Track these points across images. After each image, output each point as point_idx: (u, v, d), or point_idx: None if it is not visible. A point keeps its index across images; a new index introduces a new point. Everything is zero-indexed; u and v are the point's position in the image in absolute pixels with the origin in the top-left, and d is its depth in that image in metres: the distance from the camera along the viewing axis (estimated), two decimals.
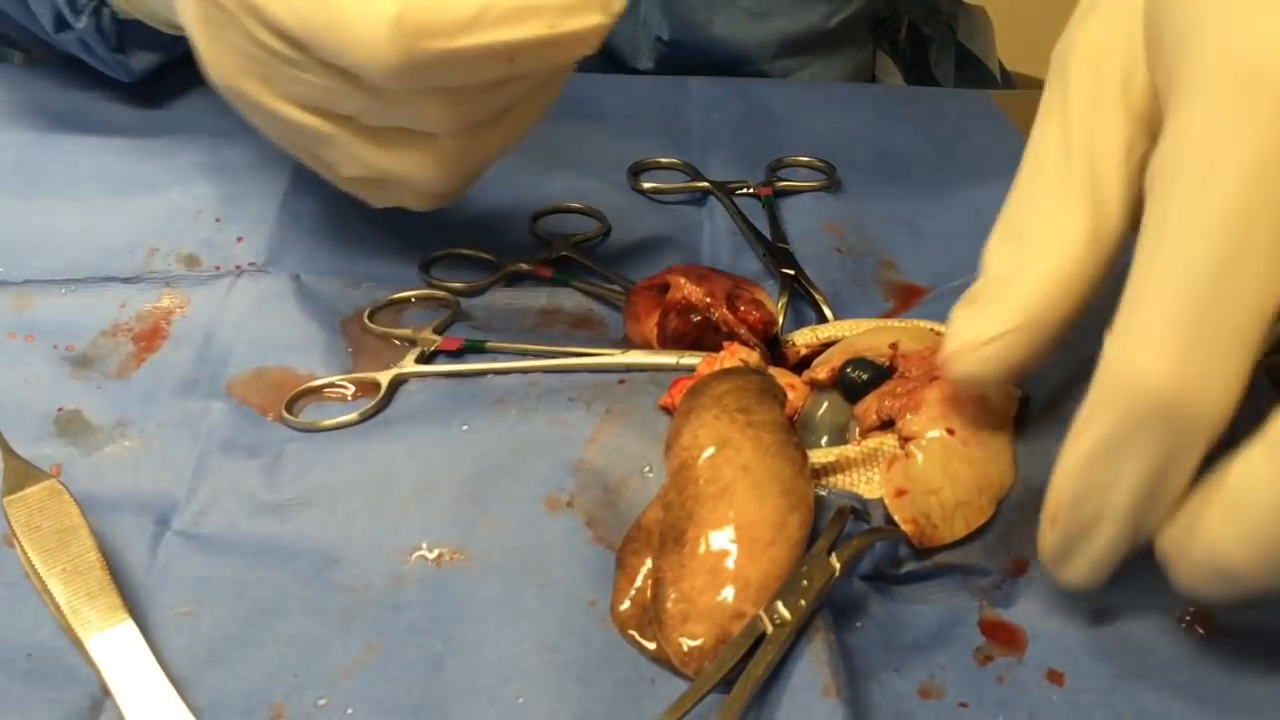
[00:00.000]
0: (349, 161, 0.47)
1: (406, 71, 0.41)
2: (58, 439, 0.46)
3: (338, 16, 0.40)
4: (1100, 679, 0.38)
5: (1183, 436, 0.31)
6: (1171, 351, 0.30)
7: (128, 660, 0.37)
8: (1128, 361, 0.31)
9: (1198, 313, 0.30)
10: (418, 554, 0.41)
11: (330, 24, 0.40)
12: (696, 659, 0.37)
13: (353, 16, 0.40)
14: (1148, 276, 0.31)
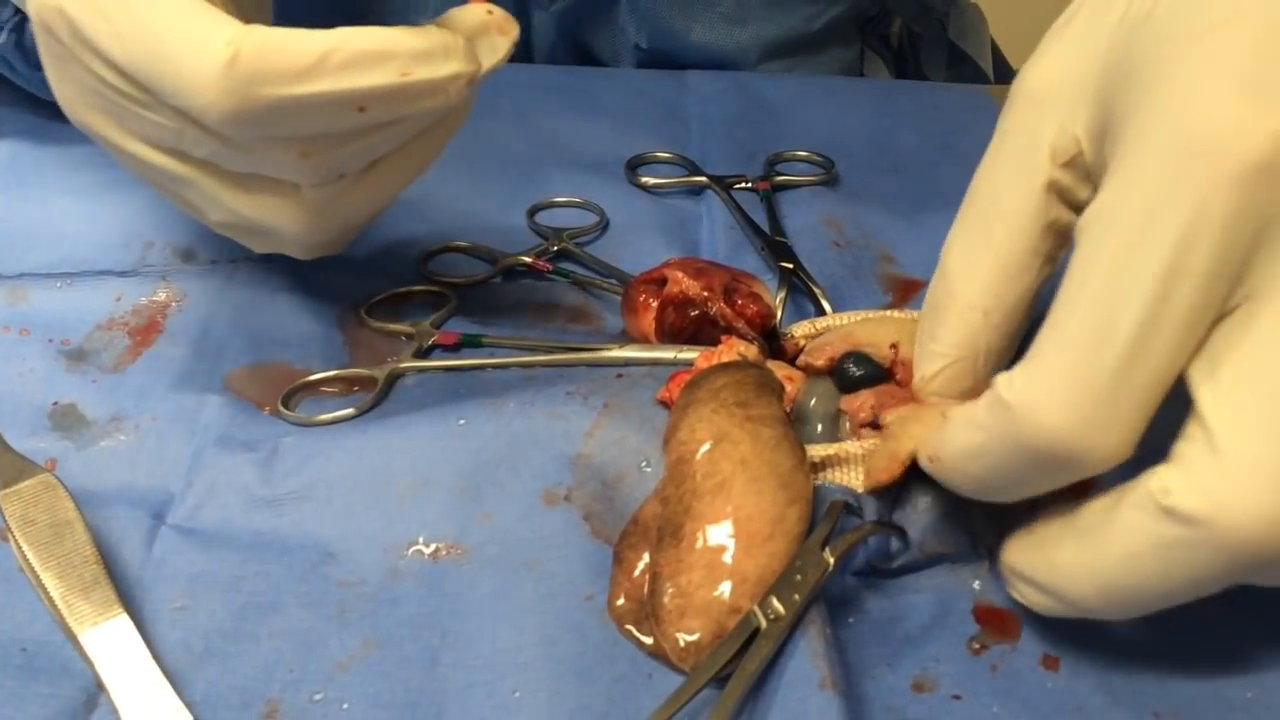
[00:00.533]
0: (212, 207, 0.44)
1: (241, 119, 0.37)
2: (53, 433, 0.46)
3: (167, 56, 0.37)
4: (1095, 666, 0.38)
5: (1066, 476, 0.34)
6: (1074, 409, 0.32)
7: (122, 655, 0.36)
8: (1030, 408, 0.33)
9: (1107, 375, 0.32)
10: (414, 548, 0.41)
11: (159, 64, 0.37)
12: (693, 654, 0.37)
13: (182, 57, 0.37)
14: (1065, 323, 0.33)
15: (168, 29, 0.37)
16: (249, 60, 0.36)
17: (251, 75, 0.37)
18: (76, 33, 0.39)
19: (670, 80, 0.72)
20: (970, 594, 0.40)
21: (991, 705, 0.37)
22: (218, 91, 0.37)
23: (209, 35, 0.37)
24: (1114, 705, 0.37)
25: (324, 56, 0.37)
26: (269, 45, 0.37)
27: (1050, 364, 0.33)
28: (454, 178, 0.61)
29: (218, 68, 0.36)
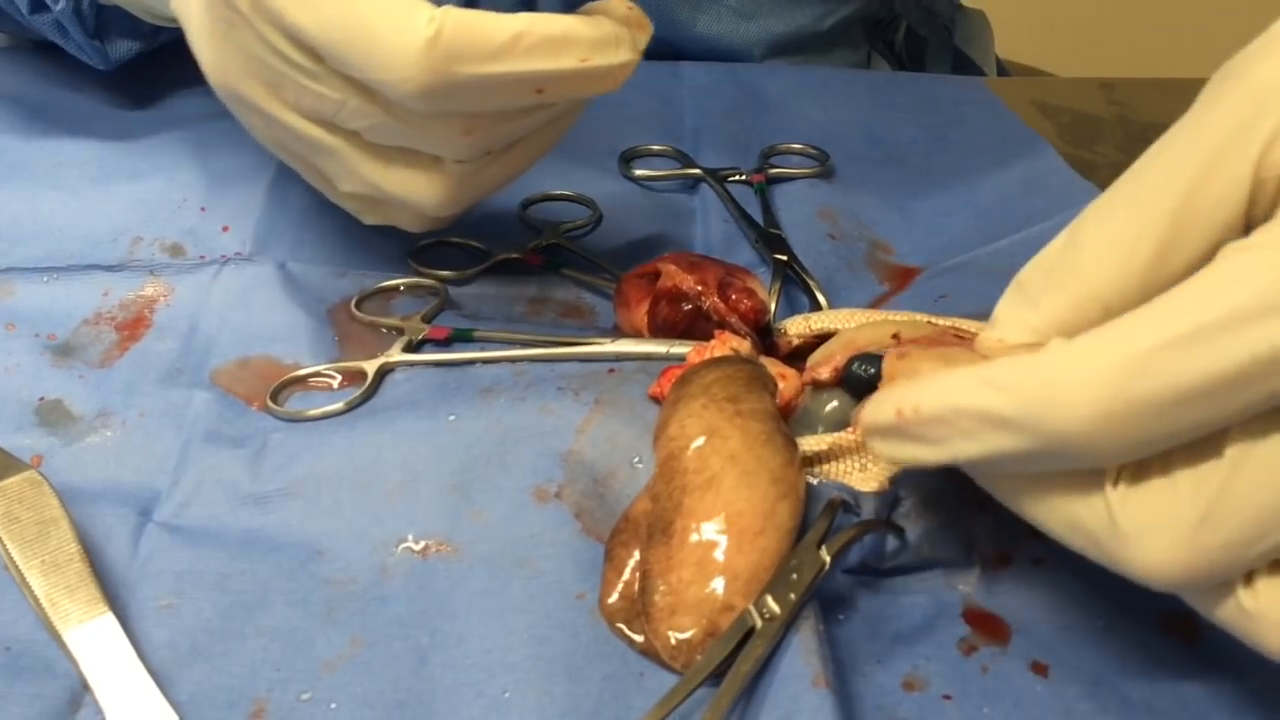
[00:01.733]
0: (348, 177, 0.46)
1: (435, 94, 0.40)
2: (39, 429, 0.45)
3: (368, 31, 0.39)
4: (1084, 671, 0.38)
5: (1059, 460, 0.31)
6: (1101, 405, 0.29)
7: (107, 654, 0.36)
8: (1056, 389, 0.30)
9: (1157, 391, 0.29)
10: (403, 546, 0.41)
11: (358, 38, 0.40)
12: (685, 652, 0.36)
13: (384, 32, 0.39)
14: (1161, 322, 0.29)
15: (369, 5, 0.39)
16: (449, 39, 0.39)
17: (450, 53, 0.39)
18: (259, 2, 0.40)
19: (664, 72, 0.71)
20: (961, 596, 0.40)
21: (982, 706, 0.36)
22: (418, 68, 0.39)
23: (411, 13, 0.39)
24: (1103, 711, 0.36)
25: (516, 39, 0.40)
26: (468, 25, 0.39)
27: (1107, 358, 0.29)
28: None
29: (419, 44, 0.39)
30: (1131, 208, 0.32)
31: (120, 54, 0.62)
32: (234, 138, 0.61)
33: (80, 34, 0.60)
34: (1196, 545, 0.29)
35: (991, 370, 0.31)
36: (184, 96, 0.64)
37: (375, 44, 0.39)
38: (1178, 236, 0.31)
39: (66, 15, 0.58)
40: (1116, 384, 0.29)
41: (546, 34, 0.40)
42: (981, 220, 0.60)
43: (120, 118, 0.63)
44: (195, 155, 0.60)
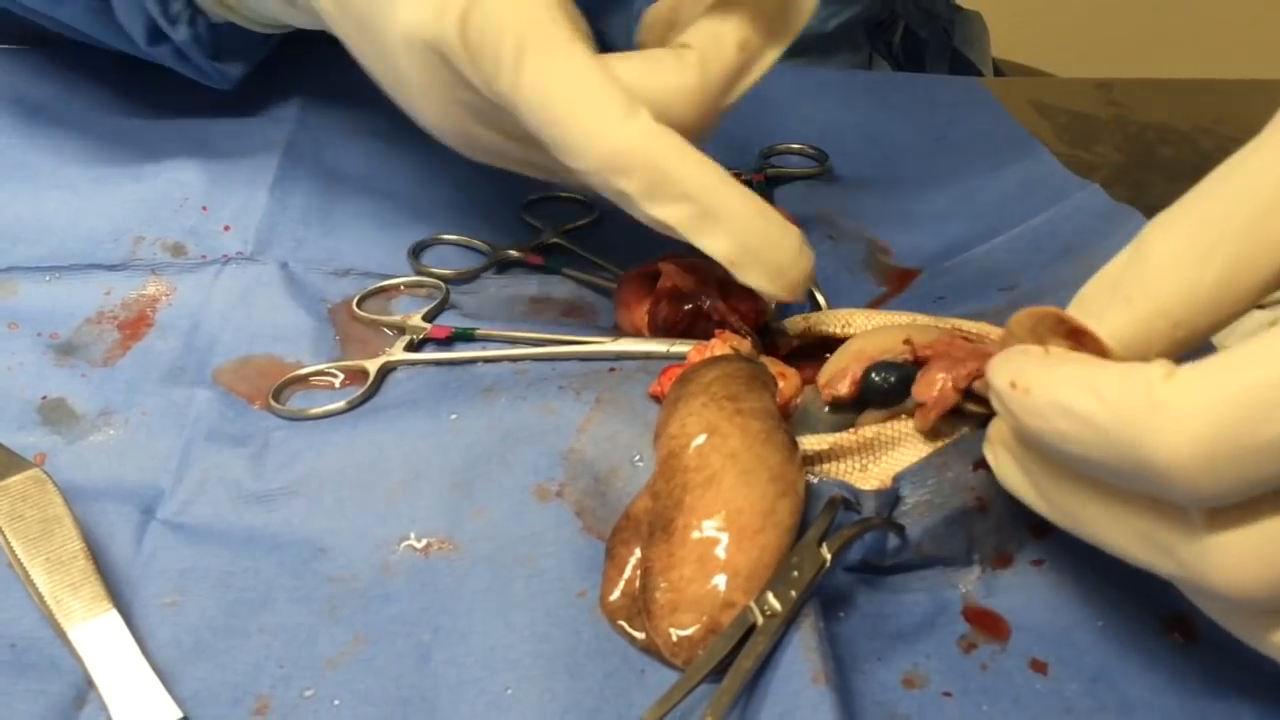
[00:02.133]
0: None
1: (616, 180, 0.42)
2: (42, 428, 0.45)
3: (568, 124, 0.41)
4: (1084, 670, 0.38)
5: (1142, 489, 0.30)
6: (1204, 448, 0.27)
7: (112, 651, 0.36)
8: (1176, 420, 0.28)
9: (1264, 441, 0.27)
10: (406, 544, 0.41)
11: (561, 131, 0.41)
12: (686, 649, 0.37)
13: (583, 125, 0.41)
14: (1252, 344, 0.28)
15: (571, 99, 0.41)
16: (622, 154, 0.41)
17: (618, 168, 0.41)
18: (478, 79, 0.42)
19: None
20: (961, 594, 0.40)
21: (981, 704, 0.37)
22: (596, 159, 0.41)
23: (608, 116, 0.41)
24: (1101, 709, 0.37)
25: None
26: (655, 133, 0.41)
27: (1218, 396, 0.27)
28: (447, 170, 0.61)
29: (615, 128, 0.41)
30: (1202, 223, 0.31)
31: (237, 72, 0.62)
32: (236, 137, 0.62)
33: (203, 59, 0.59)
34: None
35: (1101, 376, 0.30)
36: (186, 96, 0.64)
37: (574, 135, 0.41)
38: (1250, 255, 0.30)
39: (188, 43, 0.58)
40: (1223, 424, 0.27)
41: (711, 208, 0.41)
42: (978, 223, 0.60)
43: (122, 117, 0.63)
44: (197, 155, 0.60)
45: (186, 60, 0.59)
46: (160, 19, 0.56)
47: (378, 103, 0.65)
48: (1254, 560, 0.29)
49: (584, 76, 0.41)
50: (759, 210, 0.42)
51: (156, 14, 0.56)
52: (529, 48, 0.40)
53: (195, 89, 0.63)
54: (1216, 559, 0.29)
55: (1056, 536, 0.40)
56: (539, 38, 0.41)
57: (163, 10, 0.56)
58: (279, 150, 0.61)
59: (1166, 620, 0.39)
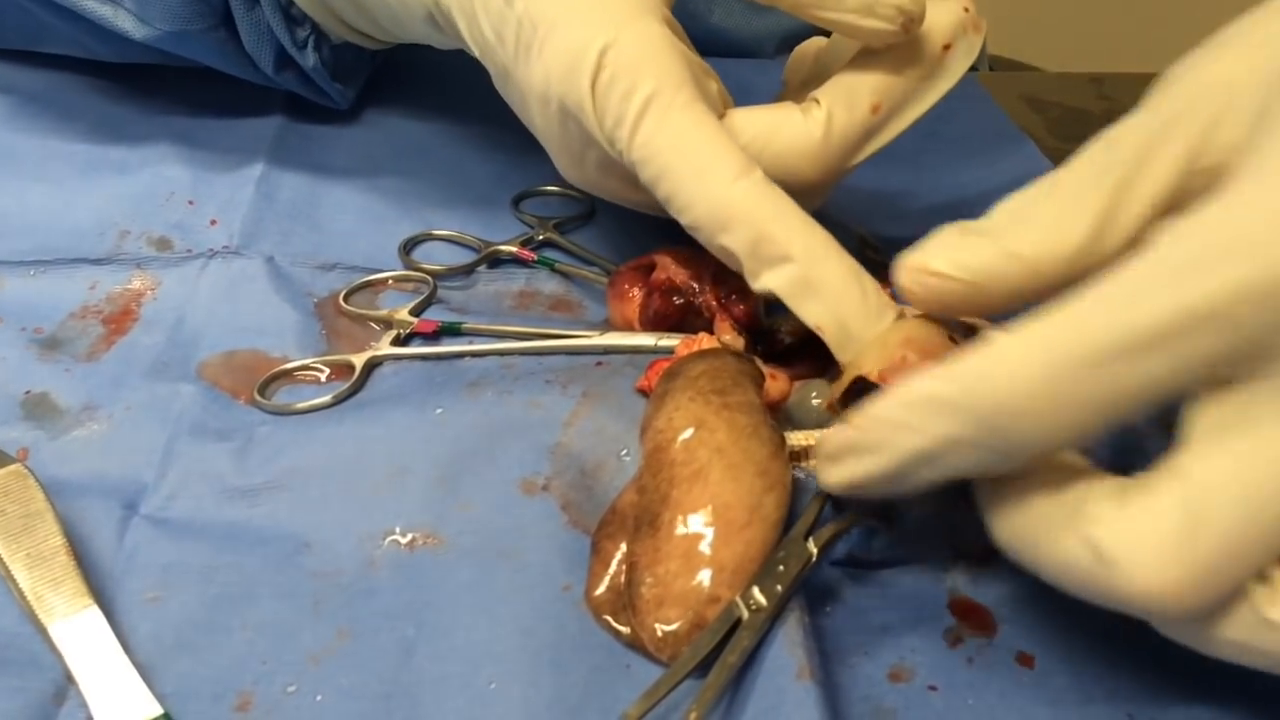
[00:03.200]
0: None
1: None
2: (25, 422, 0.45)
3: (690, 181, 0.43)
4: (1070, 662, 0.38)
5: (997, 446, 0.31)
6: (1033, 377, 0.30)
7: (93, 647, 0.36)
8: (991, 366, 0.30)
9: (1087, 358, 0.29)
10: (390, 538, 0.41)
11: (679, 188, 0.43)
12: (671, 644, 0.36)
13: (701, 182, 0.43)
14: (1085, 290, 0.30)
15: (684, 155, 0.42)
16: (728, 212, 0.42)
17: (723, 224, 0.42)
18: (601, 134, 0.43)
19: None
20: (948, 589, 0.40)
21: (967, 697, 0.36)
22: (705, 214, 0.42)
23: (719, 174, 0.42)
24: (1088, 702, 0.36)
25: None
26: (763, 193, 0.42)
27: (1052, 326, 0.30)
28: (436, 164, 0.61)
29: (724, 187, 0.42)
30: (1075, 184, 0.34)
31: (354, 91, 0.63)
32: (222, 131, 0.61)
33: (328, 82, 0.60)
34: (1189, 554, 0.29)
35: (940, 365, 0.32)
36: (172, 90, 0.64)
37: (684, 194, 0.42)
38: (1113, 213, 0.33)
39: (316, 68, 0.59)
40: (1045, 347, 0.29)
41: (808, 273, 0.41)
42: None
43: (107, 111, 0.63)
44: (183, 149, 0.59)
45: (310, 84, 0.60)
46: (290, 47, 0.57)
47: (365, 96, 0.65)
48: (1158, 567, 0.29)
49: (699, 132, 0.42)
50: (856, 281, 0.42)
51: (286, 42, 0.57)
52: (653, 104, 0.42)
53: (181, 83, 0.63)
54: (1125, 573, 0.30)
55: None
56: (663, 94, 0.42)
57: (291, 38, 0.57)
58: (265, 144, 0.60)
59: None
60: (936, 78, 0.47)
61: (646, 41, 0.43)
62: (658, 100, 0.42)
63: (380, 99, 0.65)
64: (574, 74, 0.43)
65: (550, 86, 0.44)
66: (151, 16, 0.56)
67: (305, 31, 0.57)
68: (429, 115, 0.64)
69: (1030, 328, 0.30)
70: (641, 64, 0.42)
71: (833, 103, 0.46)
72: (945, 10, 0.47)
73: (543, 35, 0.43)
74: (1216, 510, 0.29)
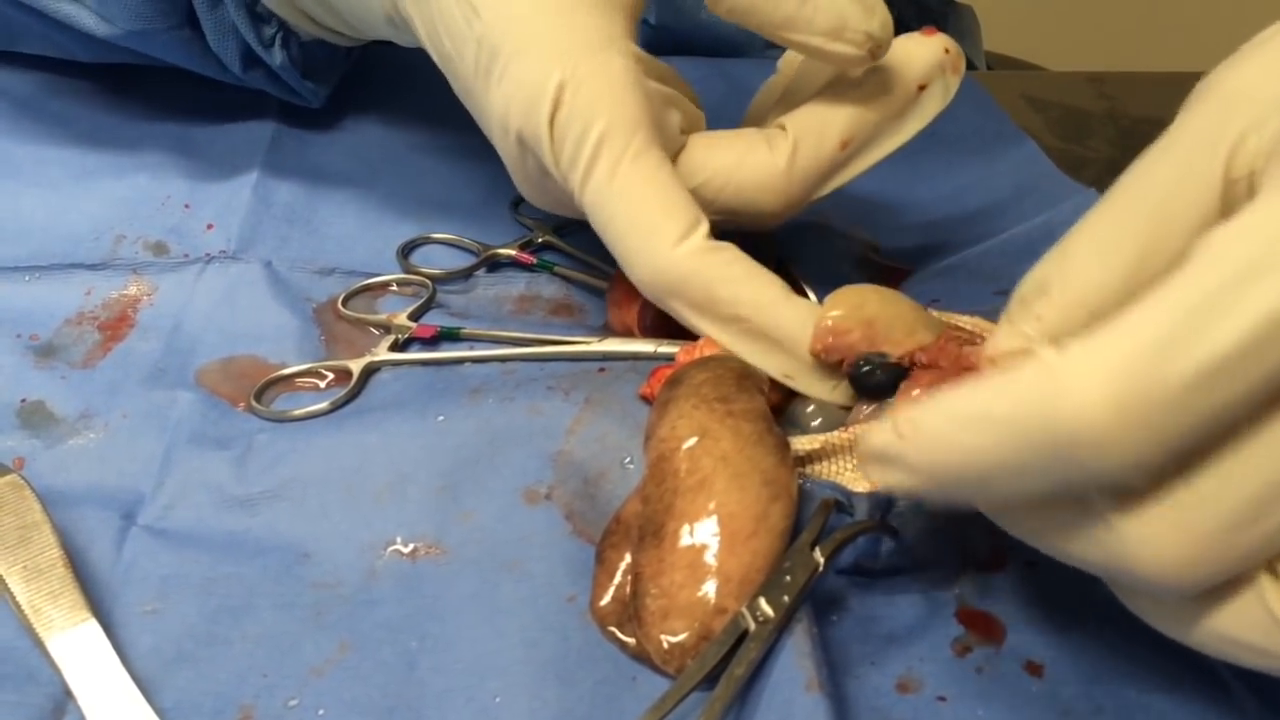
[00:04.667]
0: None
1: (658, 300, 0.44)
2: (20, 431, 0.44)
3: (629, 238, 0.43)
4: (1080, 671, 0.37)
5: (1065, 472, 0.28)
6: (1111, 399, 0.27)
7: (91, 661, 0.35)
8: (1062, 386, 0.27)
9: (1171, 386, 0.26)
10: (392, 548, 0.40)
11: (622, 243, 0.43)
12: (678, 656, 0.36)
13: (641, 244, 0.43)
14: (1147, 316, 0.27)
15: (630, 214, 0.42)
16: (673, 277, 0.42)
17: (671, 289, 0.42)
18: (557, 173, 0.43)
19: None
20: (955, 596, 0.39)
21: (977, 708, 0.36)
22: (648, 277, 0.43)
23: (663, 237, 0.42)
24: (1098, 711, 0.36)
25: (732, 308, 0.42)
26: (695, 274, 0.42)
27: (1116, 348, 0.27)
28: (434, 168, 0.60)
29: (665, 253, 0.42)
30: (1114, 216, 0.32)
31: (327, 89, 0.62)
32: (218, 135, 0.61)
33: (297, 80, 0.59)
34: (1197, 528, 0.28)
35: (987, 380, 0.29)
36: (167, 93, 0.63)
37: (628, 254, 0.43)
38: (1157, 239, 0.31)
39: (284, 66, 0.58)
40: (1126, 373, 0.26)
41: (763, 328, 0.42)
42: (970, 223, 0.59)
43: (103, 115, 0.62)
44: (179, 152, 0.59)
45: (279, 82, 0.59)
46: (256, 45, 0.56)
47: (362, 100, 0.65)
48: (1171, 535, 0.28)
49: (646, 188, 0.42)
50: (810, 324, 0.42)
51: (252, 40, 0.56)
52: (603, 150, 0.42)
53: (176, 86, 0.63)
54: (1135, 544, 0.29)
55: None
56: (616, 140, 0.42)
57: (257, 36, 0.56)
58: (262, 147, 0.60)
59: None
60: (908, 117, 0.47)
61: (605, 78, 0.42)
62: (609, 146, 0.42)
63: (376, 101, 0.65)
64: (532, 109, 0.42)
65: (509, 118, 0.43)
66: (113, 15, 0.55)
67: (272, 29, 0.56)
68: (425, 118, 0.64)
69: (1093, 352, 0.27)
70: (597, 103, 0.42)
71: (800, 134, 0.45)
72: (925, 49, 0.46)
73: (502, 64, 0.43)
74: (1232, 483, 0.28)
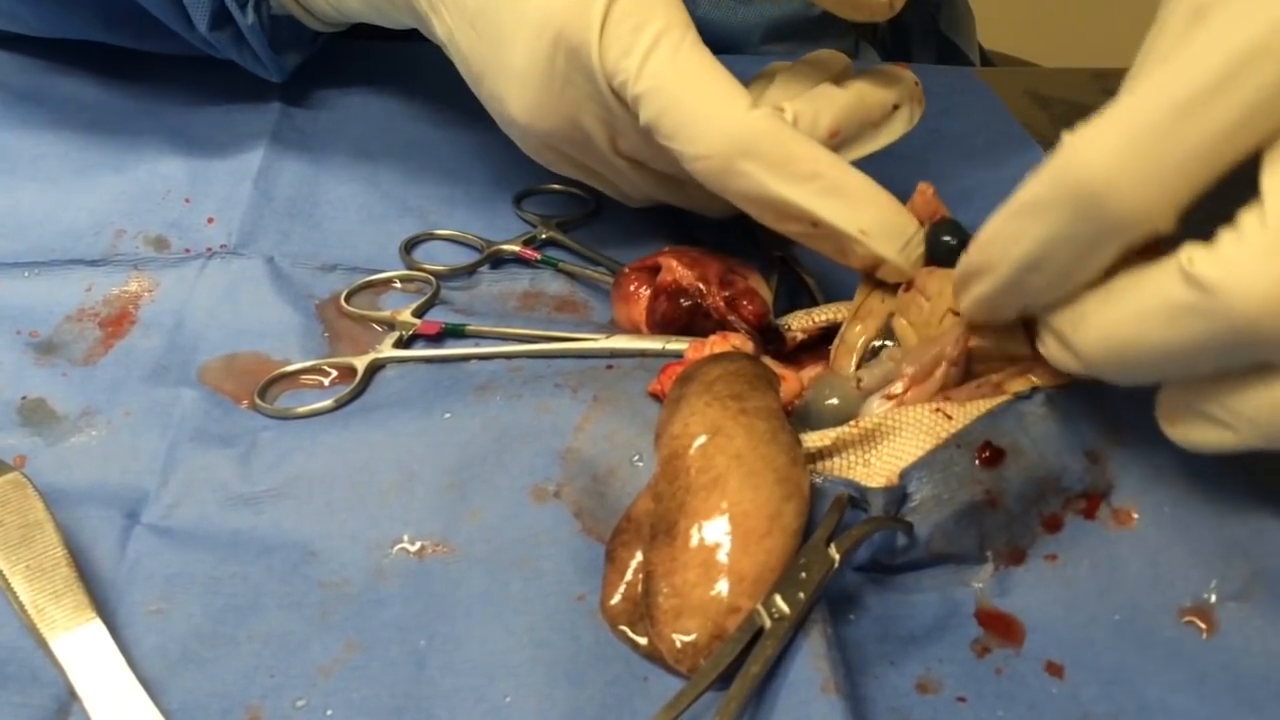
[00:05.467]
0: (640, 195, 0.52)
1: (718, 182, 0.44)
2: (22, 429, 0.44)
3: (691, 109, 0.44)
4: (1100, 671, 0.37)
5: (1093, 226, 0.33)
6: (1116, 147, 0.31)
7: (96, 661, 0.35)
8: (1076, 148, 0.32)
9: (1159, 122, 0.31)
10: (399, 547, 0.40)
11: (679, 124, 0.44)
12: (690, 655, 0.36)
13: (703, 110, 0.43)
14: (1135, 81, 0.33)
15: (696, 90, 0.43)
16: (754, 137, 0.43)
17: (746, 149, 0.43)
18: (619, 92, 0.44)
19: None
20: (974, 596, 0.39)
21: (997, 709, 0.36)
22: (717, 151, 0.43)
23: (733, 100, 0.43)
24: (1120, 713, 0.36)
25: (812, 175, 0.43)
26: (778, 137, 0.43)
27: (1109, 114, 0.32)
28: (436, 162, 0.60)
29: (728, 129, 0.43)
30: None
31: (291, 64, 0.61)
32: (219, 128, 0.60)
33: (264, 46, 0.58)
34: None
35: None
36: (167, 86, 0.63)
37: (698, 122, 0.43)
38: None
39: (253, 28, 0.57)
40: (1122, 123, 0.31)
41: (840, 184, 0.43)
42: (975, 225, 0.59)
43: (102, 108, 0.61)
44: (179, 146, 0.58)
45: (245, 47, 0.59)
46: (230, 2, 0.56)
47: (363, 93, 0.64)
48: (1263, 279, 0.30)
49: (709, 69, 0.44)
50: (880, 189, 0.44)
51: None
52: (664, 38, 0.43)
53: (175, 78, 0.62)
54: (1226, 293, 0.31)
55: (1069, 530, 0.40)
56: (674, 31, 0.43)
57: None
58: (263, 141, 0.59)
59: (1184, 611, 0.38)
60: (880, 130, 0.49)
61: None
62: (668, 36, 0.43)
63: (378, 97, 0.64)
64: (585, 5, 0.43)
65: (551, 18, 0.44)
66: None
67: None
68: (428, 113, 0.63)
69: (1102, 115, 0.32)
70: (653, 3, 0.43)
71: (799, 114, 0.47)
72: (899, 76, 0.50)
73: None
74: None
